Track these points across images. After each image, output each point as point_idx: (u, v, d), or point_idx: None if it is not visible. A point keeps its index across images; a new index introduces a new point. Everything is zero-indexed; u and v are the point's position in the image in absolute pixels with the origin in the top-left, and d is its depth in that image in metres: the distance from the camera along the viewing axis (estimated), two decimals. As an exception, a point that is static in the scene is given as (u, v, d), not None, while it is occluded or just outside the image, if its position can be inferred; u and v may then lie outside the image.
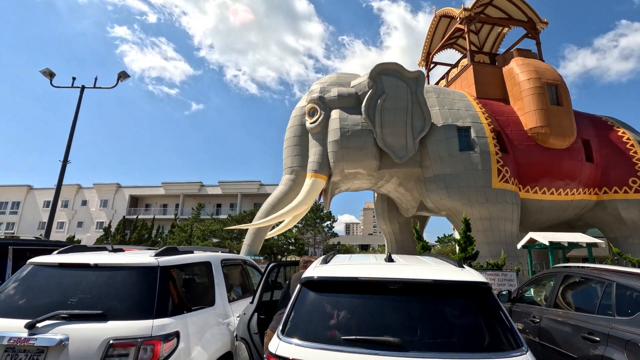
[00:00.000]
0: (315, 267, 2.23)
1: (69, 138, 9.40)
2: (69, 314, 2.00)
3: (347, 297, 1.92)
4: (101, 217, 45.47)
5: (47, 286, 2.17)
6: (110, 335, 1.98)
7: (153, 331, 2.03)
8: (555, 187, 13.62)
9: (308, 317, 1.86)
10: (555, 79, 14.25)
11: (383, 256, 2.79)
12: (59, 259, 2.32)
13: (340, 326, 1.79)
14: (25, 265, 2.36)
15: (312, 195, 13.03)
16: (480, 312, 1.83)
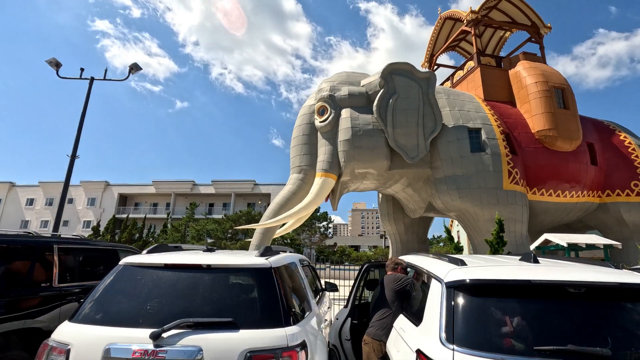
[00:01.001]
0: (452, 269, 2.03)
1: (77, 131, 8.94)
2: (196, 322, 1.75)
3: (519, 302, 1.74)
4: (88, 215, 44.16)
5: (157, 290, 1.91)
6: (246, 346, 1.73)
7: (288, 341, 1.80)
8: (561, 190, 13.79)
9: (472, 324, 1.67)
10: (561, 83, 14.45)
11: (513, 257, 2.57)
12: (163, 259, 2.05)
13: (519, 334, 1.61)
14: (121, 267, 2.08)
15: (322, 194, 12.83)
16: None
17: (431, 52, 20.06)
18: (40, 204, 45.85)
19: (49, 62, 9.52)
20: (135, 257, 2.14)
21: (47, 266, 3.28)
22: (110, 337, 1.69)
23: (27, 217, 46.15)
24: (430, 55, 20.06)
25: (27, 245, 3.17)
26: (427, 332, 1.88)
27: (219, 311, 1.83)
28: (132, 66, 9.44)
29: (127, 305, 1.85)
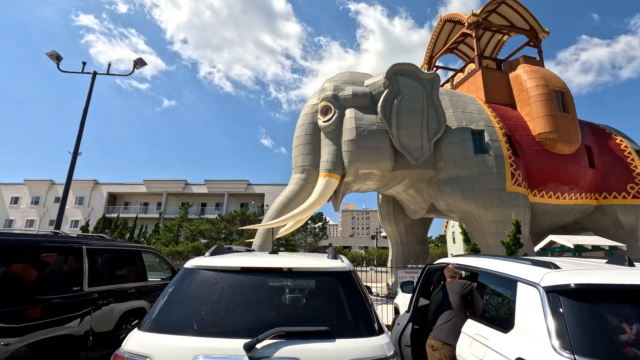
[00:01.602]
0: (547, 273, 1.92)
1: (79, 127, 8.60)
2: (291, 331, 1.59)
3: (633, 308, 1.64)
4: (76, 215, 43.07)
5: (237, 296, 1.74)
6: (347, 357, 1.58)
7: (386, 350, 1.65)
8: (560, 192, 13.96)
9: (590, 331, 1.57)
10: (561, 87, 14.65)
11: (598, 260, 2.45)
12: (238, 262, 1.88)
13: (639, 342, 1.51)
14: (191, 271, 1.90)
15: (326, 195, 12.71)
16: None
17: (430, 54, 20.15)
18: (25, 202, 44.51)
19: (50, 55, 9.15)
20: (205, 260, 1.95)
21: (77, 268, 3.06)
22: (198, 349, 1.52)
23: (12, 216, 44.73)
24: (429, 57, 20.14)
25: (58, 246, 2.94)
26: (525, 339, 1.77)
27: (311, 319, 1.67)
28: (137, 61, 9.15)
29: (208, 312, 1.68)
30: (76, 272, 3.05)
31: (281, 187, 40.57)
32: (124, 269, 3.79)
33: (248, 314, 1.65)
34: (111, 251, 3.65)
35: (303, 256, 2.12)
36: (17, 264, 2.62)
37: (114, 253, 3.70)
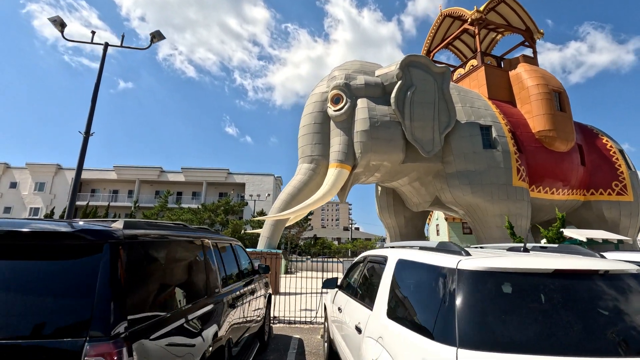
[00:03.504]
0: None
1: (91, 105, 7.67)
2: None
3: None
4: (36, 202, 39.72)
5: (553, 304, 1.46)
6: None
7: None
8: (555, 187, 14.63)
9: None
10: (559, 87, 15.24)
11: None
12: (549, 263, 1.58)
13: None
14: (483, 274, 1.56)
15: (337, 185, 12.46)
16: None
17: (428, 48, 20.25)
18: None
19: (52, 21, 8.06)
20: (503, 261, 1.62)
21: (208, 267, 2.58)
22: None
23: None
24: (427, 51, 20.24)
25: (195, 242, 2.42)
26: None
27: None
28: (155, 34, 8.25)
29: (533, 324, 1.40)
30: (209, 271, 2.58)
31: (263, 177, 39.66)
32: (232, 265, 3.34)
33: (579, 327, 1.40)
34: (222, 245, 3.18)
35: (570, 257, 1.88)
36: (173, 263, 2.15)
37: (224, 247, 3.23)
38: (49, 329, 1.44)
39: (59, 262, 1.56)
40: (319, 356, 4.52)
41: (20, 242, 1.59)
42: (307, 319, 6.61)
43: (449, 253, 1.96)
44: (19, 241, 1.59)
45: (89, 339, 1.43)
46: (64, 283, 1.51)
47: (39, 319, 1.46)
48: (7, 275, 1.52)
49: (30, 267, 1.55)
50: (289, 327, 6.19)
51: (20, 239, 1.59)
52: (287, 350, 4.71)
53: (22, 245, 1.59)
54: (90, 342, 1.43)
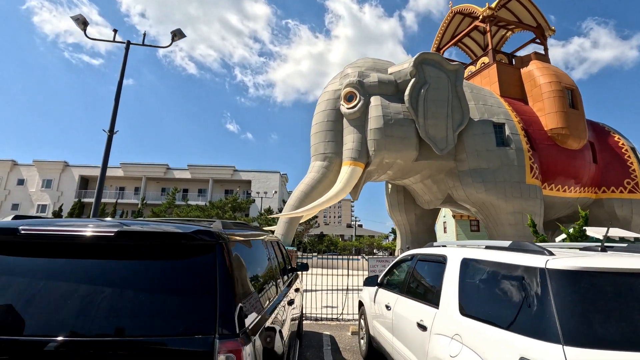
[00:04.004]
0: None
1: (114, 103, 7.73)
2: None
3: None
4: (44, 199, 39.97)
5: None
6: None
7: None
8: (567, 185, 14.62)
9: None
10: (571, 84, 15.19)
11: None
12: (633, 263, 1.63)
13: None
14: (570, 273, 1.61)
15: (351, 183, 12.50)
16: None
17: (438, 45, 20.20)
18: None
19: (75, 19, 8.12)
20: (594, 260, 1.66)
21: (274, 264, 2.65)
22: None
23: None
24: (437, 48, 20.19)
25: (265, 241, 2.48)
26: None
27: None
28: (175, 32, 8.30)
29: (632, 322, 1.46)
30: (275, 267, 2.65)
31: (268, 175, 39.74)
32: (283, 262, 3.40)
33: None
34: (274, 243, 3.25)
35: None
36: None
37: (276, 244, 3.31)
38: (179, 326, 1.48)
39: (177, 262, 1.61)
40: (354, 352, 4.59)
41: (136, 242, 1.64)
42: (333, 315, 6.68)
43: (530, 252, 2.01)
44: (135, 241, 1.65)
45: (219, 337, 1.47)
46: (185, 282, 1.57)
47: (167, 317, 1.50)
48: (126, 274, 1.57)
49: (149, 266, 1.60)
50: (316, 323, 6.27)
51: (137, 239, 1.64)
52: (322, 347, 4.78)
53: (139, 245, 1.64)
54: (220, 340, 1.47)
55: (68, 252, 1.58)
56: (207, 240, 1.64)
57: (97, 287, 1.51)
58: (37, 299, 1.46)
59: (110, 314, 1.47)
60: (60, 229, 1.59)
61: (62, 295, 1.47)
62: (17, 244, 1.59)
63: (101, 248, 1.60)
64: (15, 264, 1.56)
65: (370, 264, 6.99)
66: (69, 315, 1.45)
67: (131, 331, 1.45)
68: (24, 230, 1.58)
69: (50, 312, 1.44)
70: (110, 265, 1.58)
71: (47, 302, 1.46)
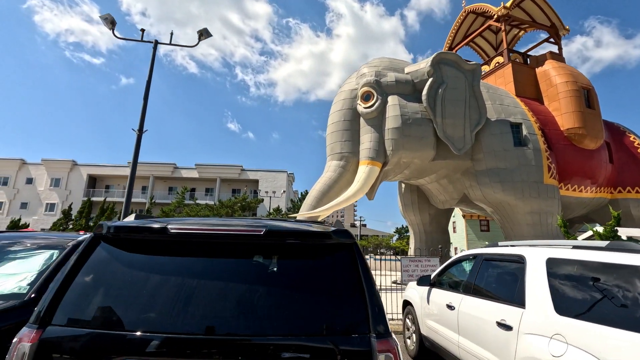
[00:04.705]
0: None
1: (143, 102, 7.79)
2: None
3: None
4: (52, 198, 40.17)
5: None
6: None
7: None
8: (584, 185, 14.58)
9: None
10: (587, 84, 15.14)
11: None
12: None
13: None
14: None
15: (369, 183, 12.51)
16: None
17: (450, 45, 20.16)
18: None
19: (104, 19, 8.18)
20: None
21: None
22: None
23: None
24: (449, 48, 20.15)
25: None
26: None
27: None
28: (202, 31, 8.35)
29: None
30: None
31: (276, 174, 39.79)
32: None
33: None
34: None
35: None
36: None
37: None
38: (333, 325, 1.48)
39: (320, 261, 1.63)
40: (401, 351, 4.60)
41: (283, 241, 1.66)
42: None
43: (634, 252, 2.03)
44: (282, 240, 1.66)
45: (376, 335, 1.47)
46: (331, 281, 1.59)
47: (319, 316, 1.50)
48: (274, 273, 1.59)
49: (296, 265, 1.62)
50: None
51: (284, 237, 1.65)
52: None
53: (285, 244, 1.65)
54: (377, 338, 1.46)
55: (216, 250, 1.60)
56: (346, 239, 1.66)
57: (248, 286, 1.52)
58: (187, 297, 1.47)
59: (263, 312, 1.47)
60: (208, 227, 1.61)
61: (213, 293, 1.48)
62: (167, 242, 1.61)
63: (249, 247, 1.62)
64: (165, 263, 1.58)
65: (403, 263, 7.02)
66: (221, 314, 1.45)
67: (285, 330, 1.45)
68: (172, 229, 1.60)
69: (201, 310, 1.44)
70: (258, 263, 1.60)
71: (197, 300, 1.46)
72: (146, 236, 1.61)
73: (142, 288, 1.47)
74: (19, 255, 2.82)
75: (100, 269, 1.53)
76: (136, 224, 1.65)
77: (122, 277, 1.50)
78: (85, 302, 1.45)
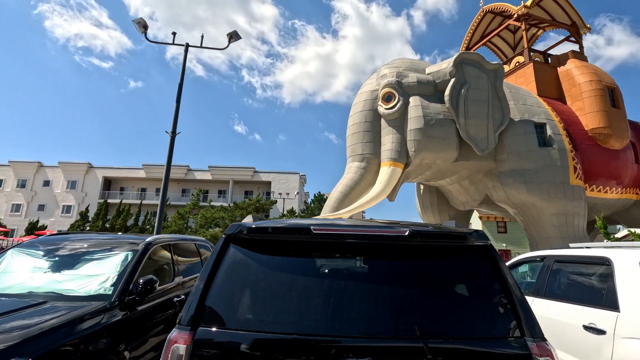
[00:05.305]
0: None
1: (176, 104, 7.89)
2: None
3: None
4: (69, 200, 40.88)
5: None
6: None
7: None
8: (609, 186, 14.30)
9: None
10: (612, 83, 14.88)
11: None
12: None
13: None
14: None
15: (391, 184, 12.45)
16: None
17: (467, 45, 20.00)
18: (10, 185, 41.79)
19: (137, 23, 8.31)
20: None
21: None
22: None
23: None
24: (466, 48, 19.99)
25: None
26: None
27: None
28: (232, 34, 8.44)
29: None
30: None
31: (288, 176, 39.89)
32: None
33: None
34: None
35: None
36: None
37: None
38: (487, 328, 1.45)
39: (462, 262, 1.62)
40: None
41: (427, 242, 1.64)
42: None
43: None
44: (425, 241, 1.64)
45: (532, 339, 1.43)
46: (475, 283, 1.57)
47: (468, 318, 1.47)
48: (419, 274, 1.57)
49: (439, 266, 1.60)
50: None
51: (427, 238, 1.64)
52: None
53: (428, 246, 1.63)
54: (534, 342, 1.43)
55: (360, 251, 1.59)
56: (484, 241, 1.64)
57: (395, 288, 1.51)
58: (337, 299, 1.46)
59: (414, 315, 1.45)
60: (353, 229, 1.60)
61: (364, 295, 1.47)
62: (309, 244, 1.61)
63: (393, 248, 1.61)
64: (307, 264, 1.58)
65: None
66: (374, 316, 1.43)
67: (437, 333, 1.42)
68: (315, 230, 1.60)
69: (354, 313, 1.43)
70: (401, 265, 1.59)
71: (348, 302, 1.45)
72: (289, 237, 1.61)
73: (286, 289, 1.46)
74: (95, 256, 2.85)
75: (238, 271, 1.53)
76: (281, 224, 1.65)
77: (263, 278, 1.50)
78: (229, 304, 1.45)
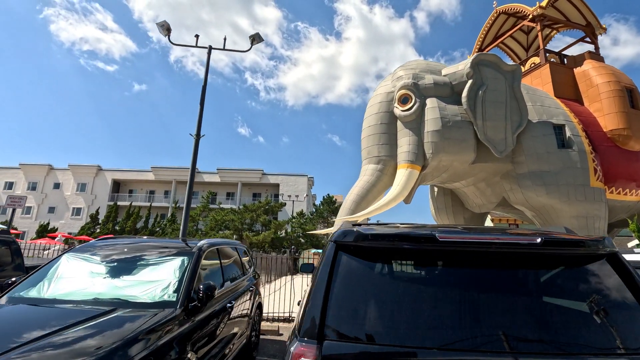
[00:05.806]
0: None
1: (200, 107, 7.88)
2: None
3: None
4: (78, 202, 41.22)
5: None
6: None
7: None
8: (629, 188, 14.08)
9: None
10: (631, 83, 14.69)
11: None
12: None
13: None
14: None
15: (408, 186, 12.37)
16: None
17: (480, 46, 19.89)
18: (21, 188, 42.23)
19: (160, 26, 8.32)
20: None
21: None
22: None
23: (1, 202, 42.29)
24: (479, 49, 19.88)
25: None
26: None
27: None
28: (254, 36, 8.44)
29: None
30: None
31: (296, 178, 39.87)
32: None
33: None
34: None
35: None
36: None
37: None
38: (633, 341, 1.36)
39: (598, 270, 1.54)
40: None
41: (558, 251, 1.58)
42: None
43: None
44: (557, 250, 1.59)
45: None
46: (614, 293, 1.49)
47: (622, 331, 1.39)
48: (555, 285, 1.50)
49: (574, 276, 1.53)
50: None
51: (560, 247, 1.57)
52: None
53: (560, 254, 1.56)
54: None
55: (490, 260, 1.53)
56: (612, 248, 1.58)
57: (532, 299, 1.44)
58: (469, 311, 1.39)
59: (556, 328, 1.38)
60: (480, 236, 1.54)
61: (499, 306, 1.40)
62: (437, 252, 1.55)
63: (525, 256, 1.55)
64: (432, 273, 1.52)
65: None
66: (513, 329, 1.36)
67: (583, 347, 1.34)
68: (441, 237, 1.54)
69: (491, 325, 1.36)
70: (533, 274, 1.52)
71: (482, 314, 1.38)
72: (412, 245, 1.55)
73: (416, 301, 1.40)
74: (151, 261, 2.81)
75: (356, 280, 1.47)
76: (399, 232, 1.59)
77: (387, 289, 1.44)
78: (354, 317, 1.38)
